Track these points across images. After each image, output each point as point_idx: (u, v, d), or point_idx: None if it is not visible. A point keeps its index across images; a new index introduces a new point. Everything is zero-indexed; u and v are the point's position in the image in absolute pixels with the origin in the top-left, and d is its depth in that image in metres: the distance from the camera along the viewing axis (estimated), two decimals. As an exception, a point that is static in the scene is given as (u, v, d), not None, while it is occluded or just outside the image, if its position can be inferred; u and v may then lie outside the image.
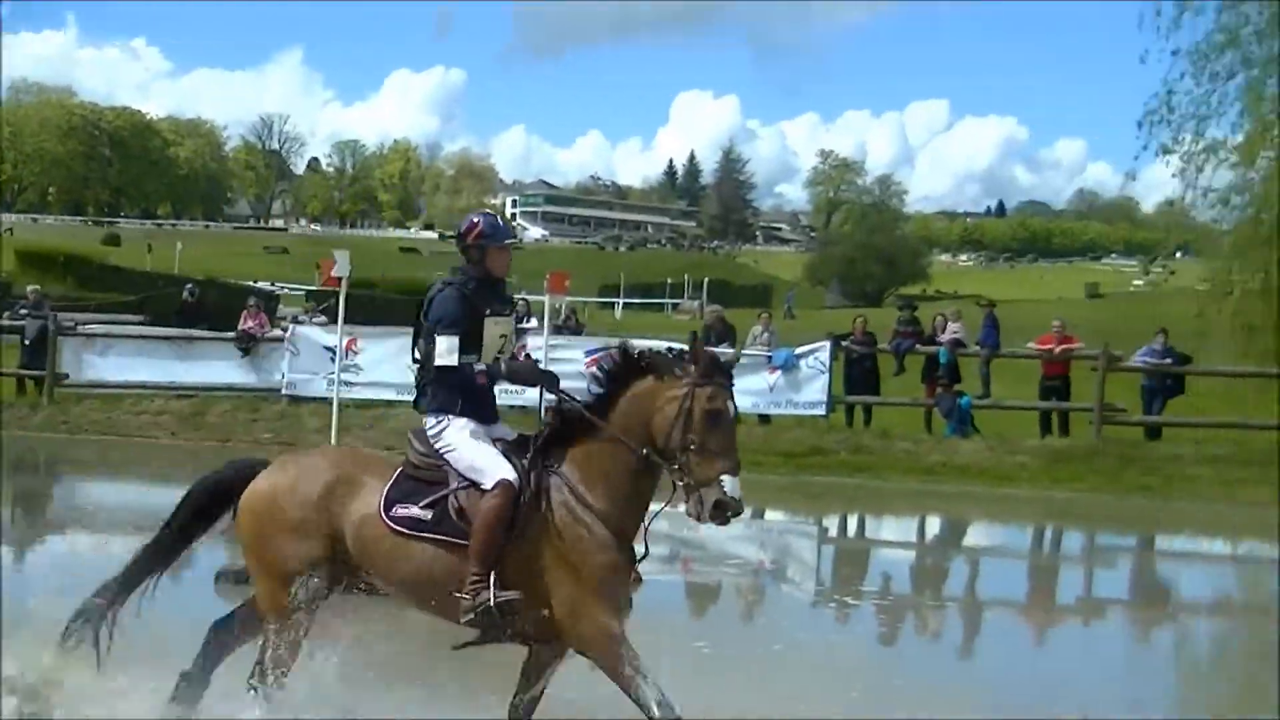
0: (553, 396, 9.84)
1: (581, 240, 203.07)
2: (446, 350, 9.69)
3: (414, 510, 9.56)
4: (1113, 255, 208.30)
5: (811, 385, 31.75)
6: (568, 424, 9.70)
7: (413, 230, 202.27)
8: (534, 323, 32.37)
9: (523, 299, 39.68)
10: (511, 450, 9.70)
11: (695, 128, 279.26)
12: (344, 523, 9.68)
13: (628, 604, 9.49)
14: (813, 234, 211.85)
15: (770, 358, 31.73)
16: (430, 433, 9.83)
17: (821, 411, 31.74)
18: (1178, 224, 38.87)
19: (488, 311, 9.86)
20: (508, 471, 9.48)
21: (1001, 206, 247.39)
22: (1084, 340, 33.10)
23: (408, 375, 35.81)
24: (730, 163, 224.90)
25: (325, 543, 9.69)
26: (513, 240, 10.21)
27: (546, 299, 27.01)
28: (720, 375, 9.45)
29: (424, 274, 77.41)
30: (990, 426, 31.90)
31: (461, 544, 9.43)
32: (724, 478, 9.16)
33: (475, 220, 10.13)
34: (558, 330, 32.54)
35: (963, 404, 31.70)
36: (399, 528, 9.56)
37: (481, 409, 9.89)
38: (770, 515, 26.83)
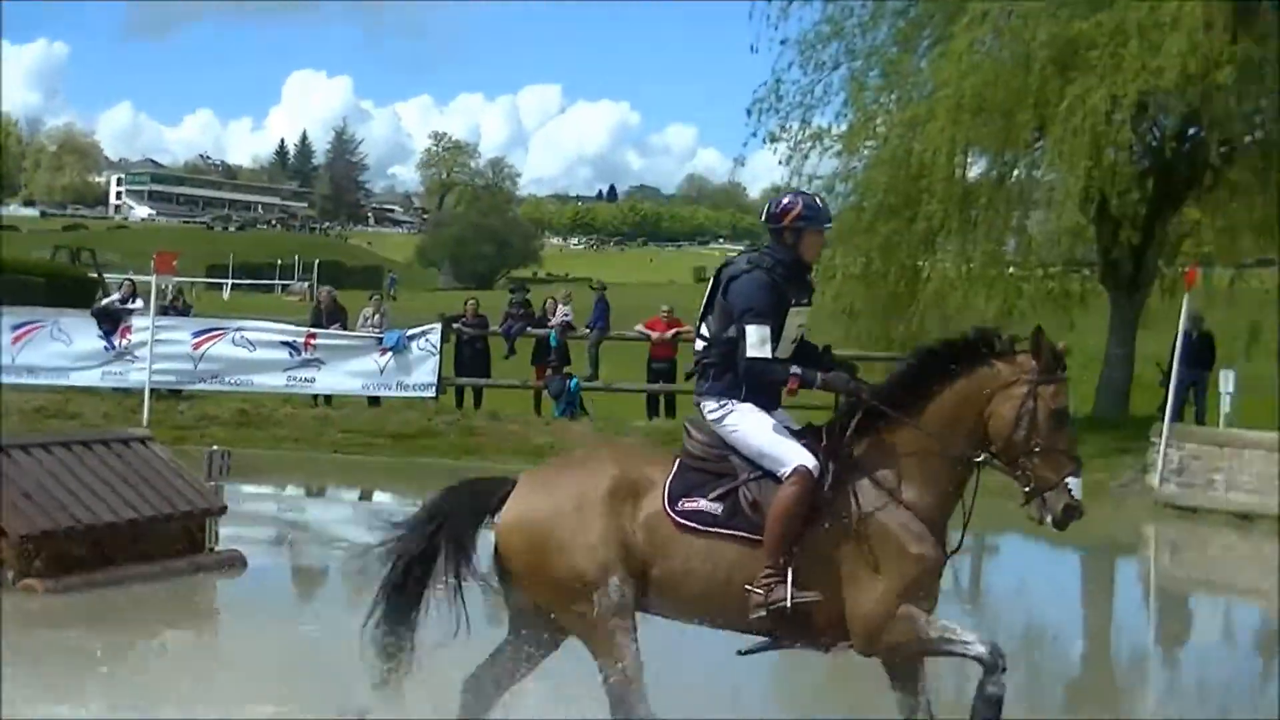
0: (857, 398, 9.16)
1: (189, 220, 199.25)
2: (759, 341, 8.95)
3: (702, 504, 8.91)
4: (721, 240, 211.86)
5: (422, 367, 31.66)
6: (871, 418, 9.06)
7: (12, 207, 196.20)
8: (140, 303, 31.64)
9: (128, 279, 38.78)
10: (804, 438, 9.08)
11: (308, 108, 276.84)
12: (634, 525, 8.98)
13: (934, 600, 8.99)
14: (425, 216, 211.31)
15: (381, 339, 31.57)
16: (711, 416, 9.20)
17: (432, 393, 31.71)
18: (784, 210, 39.64)
19: (793, 301, 9.14)
20: (806, 458, 8.84)
21: (613, 191, 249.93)
22: (692, 324, 33.32)
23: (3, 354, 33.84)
24: (343, 143, 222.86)
25: (618, 549, 8.89)
26: (830, 225, 9.50)
27: (153, 279, 26.45)
28: (1061, 370, 8.94)
29: (22, 252, 75.04)
30: (599, 408, 32.31)
31: (756, 539, 8.78)
32: (1069, 479, 8.74)
33: (793, 201, 9.33)
34: (164, 311, 31.87)
35: (572, 386, 31.88)
36: (687, 522, 8.91)
37: (764, 396, 9.17)
38: (379, 497, 26.82)
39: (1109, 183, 29.27)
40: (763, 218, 9.44)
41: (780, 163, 33.85)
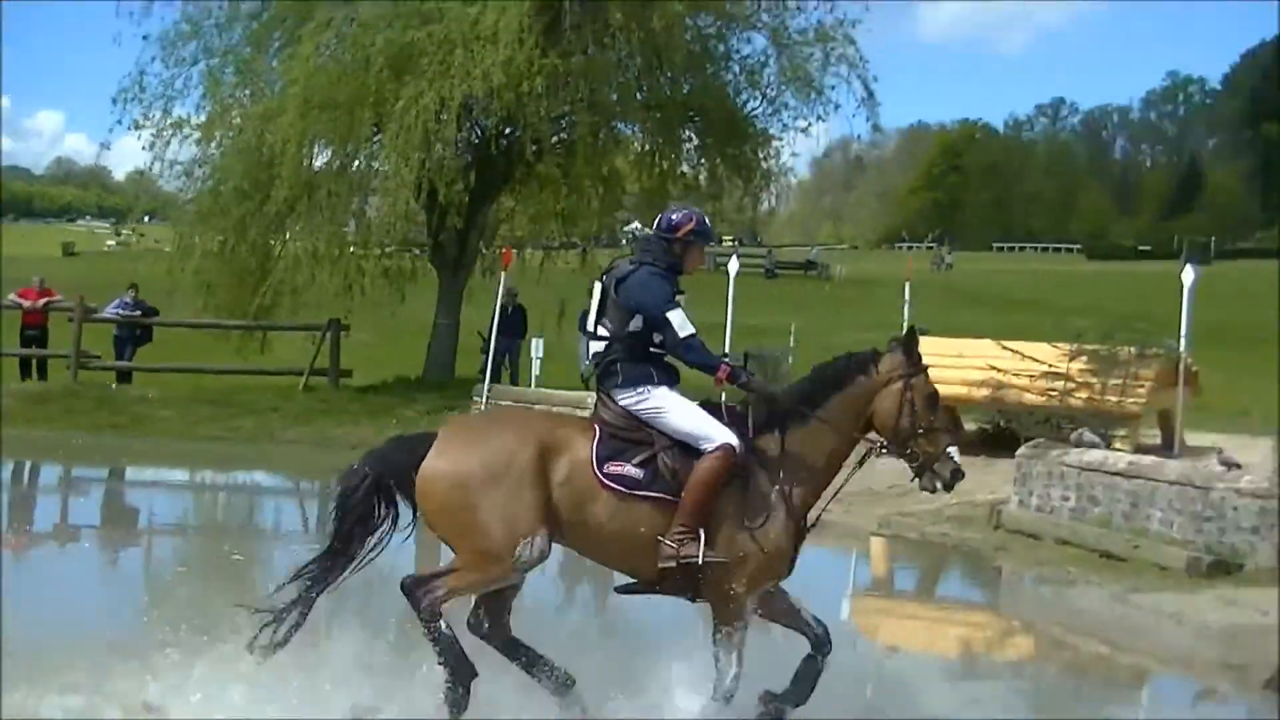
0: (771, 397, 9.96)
1: None
2: (682, 322, 9.57)
3: (627, 469, 9.51)
4: (87, 218, 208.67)
5: None
6: (776, 410, 9.85)
7: None
8: None
9: None
10: (719, 416, 9.76)
11: None
12: (555, 479, 9.48)
13: (776, 581, 9.84)
14: None
15: None
16: (629, 403, 9.72)
17: None
18: (147, 191, 40.39)
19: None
20: (730, 436, 9.51)
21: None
22: (62, 293, 35.48)
23: None
24: None
25: (545, 500, 9.43)
26: (714, 243, 10.30)
27: None
28: (922, 361, 9.93)
29: None
30: (-23, 374, 33.01)
31: (671, 501, 9.47)
32: (950, 449, 9.84)
33: (688, 216, 9.98)
34: None
35: (-52, 352, 32.70)
36: (614, 484, 9.50)
37: (671, 379, 9.82)
38: None
39: (438, 174, 31.75)
40: (655, 227, 10.06)
41: (144, 148, 35.15)
